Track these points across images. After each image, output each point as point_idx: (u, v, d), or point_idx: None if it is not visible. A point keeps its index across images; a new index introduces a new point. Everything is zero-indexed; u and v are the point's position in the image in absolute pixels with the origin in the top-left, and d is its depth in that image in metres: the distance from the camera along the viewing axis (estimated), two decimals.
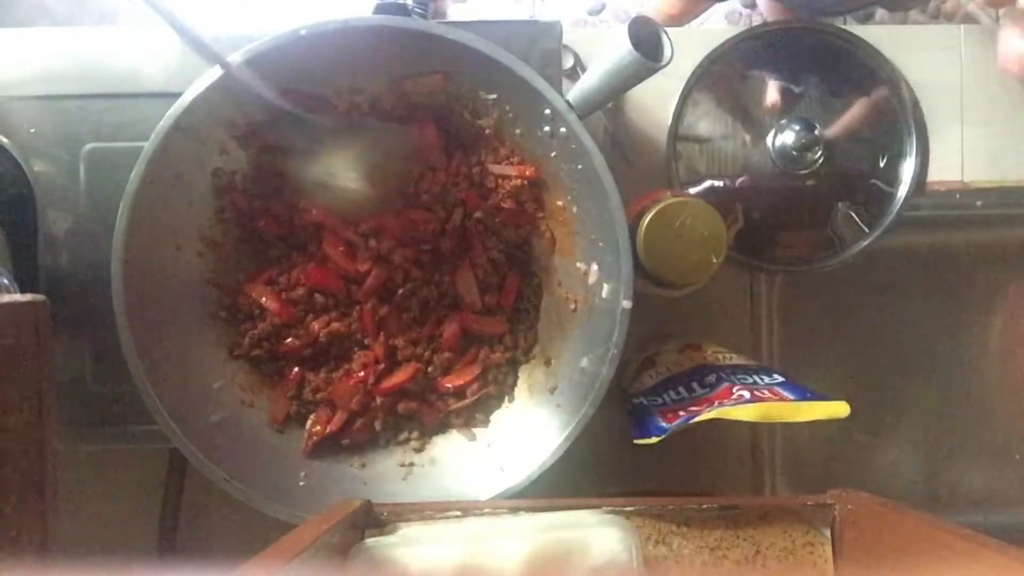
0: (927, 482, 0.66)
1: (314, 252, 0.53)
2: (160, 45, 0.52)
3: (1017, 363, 0.66)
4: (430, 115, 0.52)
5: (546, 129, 0.48)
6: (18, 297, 0.33)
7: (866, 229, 0.59)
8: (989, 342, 0.66)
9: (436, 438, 0.53)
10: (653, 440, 0.44)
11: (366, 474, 0.52)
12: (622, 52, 0.44)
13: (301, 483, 0.50)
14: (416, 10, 0.88)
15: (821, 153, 0.58)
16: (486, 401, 0.53)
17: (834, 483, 0.39)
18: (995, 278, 0.65)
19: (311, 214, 0.52)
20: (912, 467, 0.66)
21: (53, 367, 0.34)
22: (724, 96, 0.60)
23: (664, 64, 0.45)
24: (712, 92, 0.60)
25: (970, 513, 0.65)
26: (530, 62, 0.48)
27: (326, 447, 0.52)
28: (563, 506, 0.38)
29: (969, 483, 0.66)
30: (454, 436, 0.53)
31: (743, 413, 0.42)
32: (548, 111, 0.47)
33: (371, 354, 0.52)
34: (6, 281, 0.45)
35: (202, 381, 0.50)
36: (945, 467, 0.66)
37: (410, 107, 0.52)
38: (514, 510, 0.38)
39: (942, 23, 1.30)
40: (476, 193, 0.53)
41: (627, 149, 0.60)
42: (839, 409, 0.41)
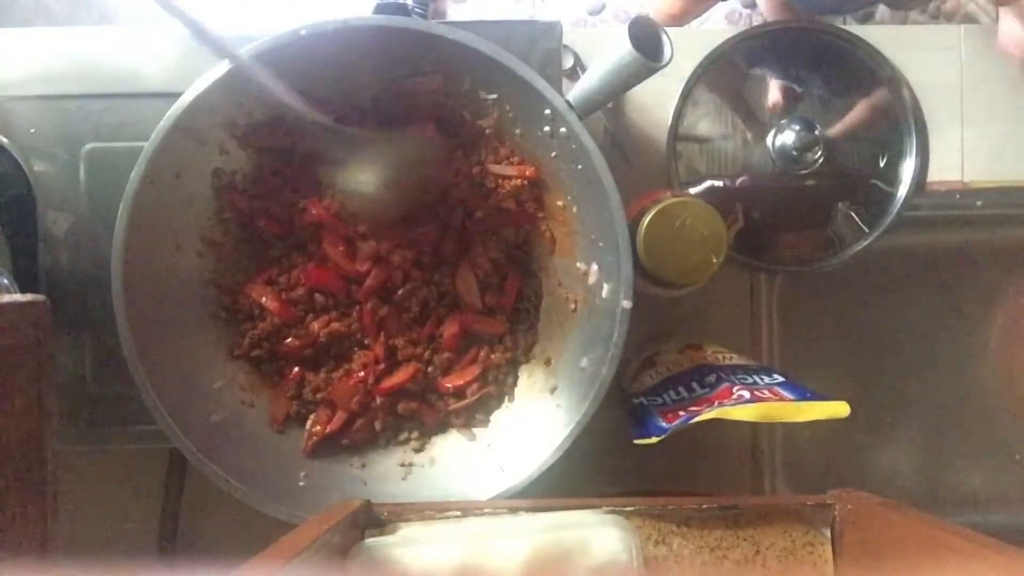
0: (927, 482, 0.66)
1: (314, 252, 0.53)
2: (160, 45, 0.52)
3: (1017, 363, 0.66)
4: (430, 115, 0.52)
5: (546, 129, 0.48)
6: (18, 297, 0.33)
7: (866, 229, 0.59)
8: (989, 342, 0.66)
9: (436, 438, 0.53)
10: (653, 440, 0.44)
11: (366, 474, 0.52)
12: (622, 52, 0.44)
13: (301, 483, 0.50)
14: (416, 10, 0.88)
15: (821, 153, 0.58)
16: (486, 401, 0.53)
17: (834, 483, 0.39)
18: (995, 278, 0.66)
19: (311, 214, 0.52)
20: (912, 467, 0.66)
21: (53, 367, 0.34)
22: (724, 96, 0.60)
23: (664, 64, 0.45)
24: (712, 92, 0.60)
25: (970, 513, 0.65)
26: (530, 62, 0.48)
27: (326, 447, 0.52)
28: (563, 506, 0.38)
29: (969, 483, 0.66)
30: (454, 436, 0.53)
31: (743, 413, 0.42)
32: (548, 111, 0.47)
33: (371, 354, 0.52)
34: (6, 281, 0.45)
35: (202, 381, 0.50)
36: (945, 467, 0.66)
37: (410, 107, 0.52)
38: (514, 510, 0.38)
39: (942, 23, 1.30)
40: (476, 193, 0.53)
41: (627, 149, 0.60)
42: (839, 409, 0.41)
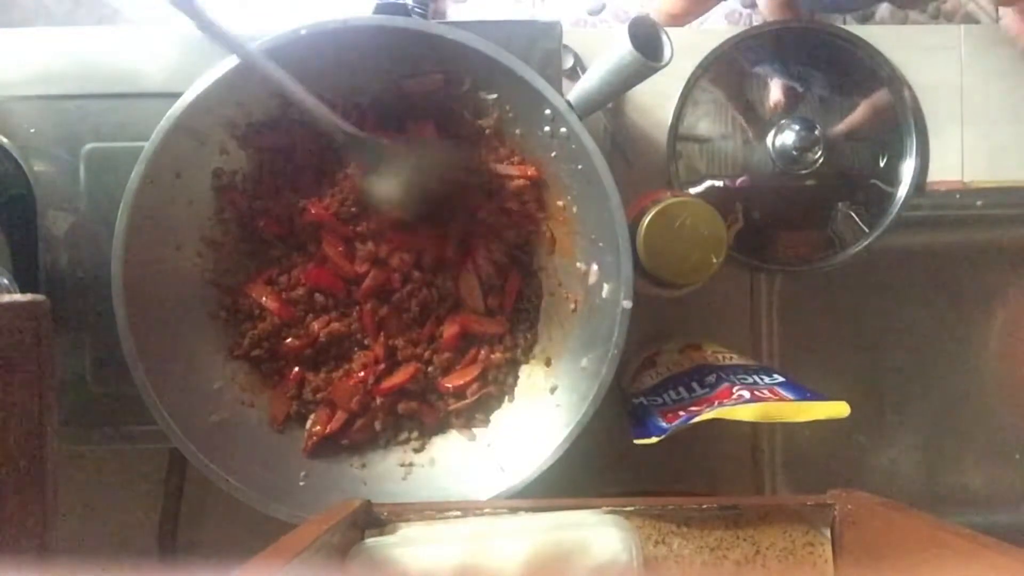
0: (927, 482, 0.66)
1: (314, 252, 0.53)
2: (160, 45, 0.52)
3: (1017, 363, 0.66)
4: (430, 115, 0.52)
5: (546, 129, 0.48)
6: (18, 297, 0.33)
7: (866, 229, 0.59)
8: (989, 342, 0.66)
9: (436, 438, 0.53)
10: (653, 440, 0.44)
11: (366, 474, 0.52)
12: (622, 52, 0.44)
13: (301, 483, 0.50)
14: (416, 10, 0.88)
15: (821, 153, 0.58)
16: (486, 401, 0.53)
17: (834, 483, 0.39)
18: (995, 278, 0.65)
19: (311, 214, 0.52)
20: (912, 467, 0.66)
21: (53, 367, 0.34)
22: (724, 96, 0.60)
23: (664, 64, 0.45)
24: (712, 92, 0.60)
25: (970, 513, 0.65)
26: (530, 62, 0.48)
27: (326, 447, 0.52)
28: (563, 506, 0.38)
29: (969, 483, 0.66)
30: (454, 436, 0.53)
31: (743, 413, 0.42)
32: (548, 111, 0.47)
33: (371, 354, 0.52)
34: (6, 281, 0.45)
35: (202, 381, 0.50)
36: (945, 467, 0.66)
37: (410, 107, 0.52)
38: (514, 510, 0.38)
39: (942, 23, 1.30)
40: (481, 195, 0.52)
41: (627, 149, 0.60)
42: (839, 409, 0.41)
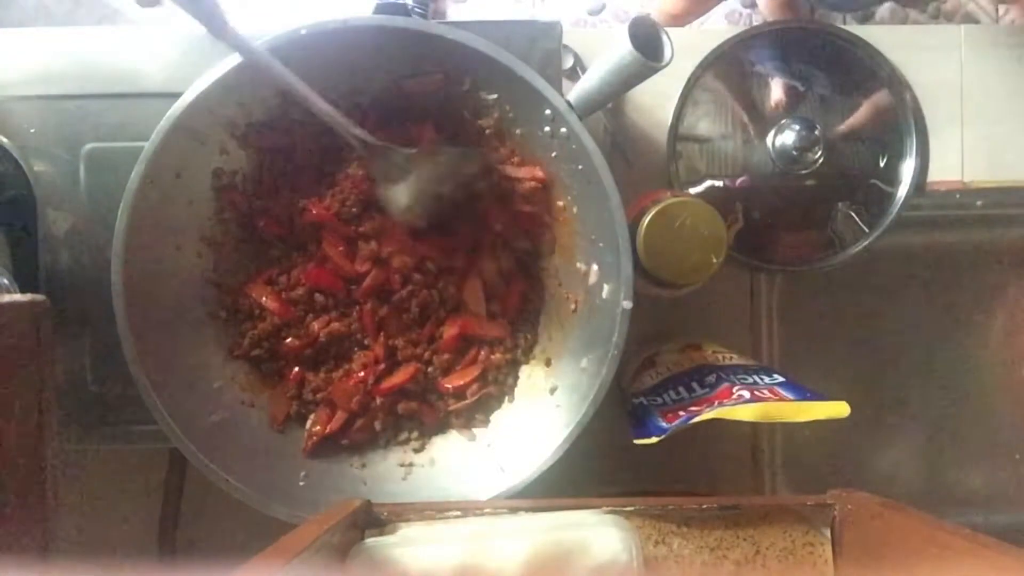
0: (927, 482, 0.66)
1: (314, 252, 0.53)
2: (160, 45, 0.52)
3: (1017, 363, 0.66)
4: (430, 115, 0.52)
5: (546, 129, 0.48)
6: (18, 297, 0.33)
7: (866, 229, 0.59)
8: (989, 342, 0.66)
9: (436, 438, 0.53)
10: (653, 440, 0.44)
11: (366, 474, 0.52)
12: (622, 52, 0.44)
13: (301, 483, 0.50)
14: (416, 10, 0.88)
15: (821, 153, 0.58)
16: (486, 401, 0.53)
17: (834, 483, 0.39)
18: (995, 278, 0.65)
19: (311, 214, 0.52)
20: (912, 467, 0.66)
21: (53, 367, 0.34)
22: (724, 96, 0.60)
23: (665, 64, 0.45)
24: (712, 92, 0.60)
25: (970, 513, 0.65)
26: (530, 62, 0.48)
27: (326, 447, 0.52)
28: (563, 506, 0.38)
29: (969, 483, 0.66)
30: (454, 436, 0.53)
31: (743, 413, 0.42)
32: (548, 111, 0.47)
33: (371, 354, 0.52)
34: (6, 281, 0.45)
35: (202, 381, 0.50)
36: (945, 467, 0.66)
37: (410, 107, 0.52)
38: (514, 510, 0.38)
39: (942, 23, 1.30)
40: (494, 200, 0.52)
41: (627, 149, 0.60)
42: (839, 409, 0.41)
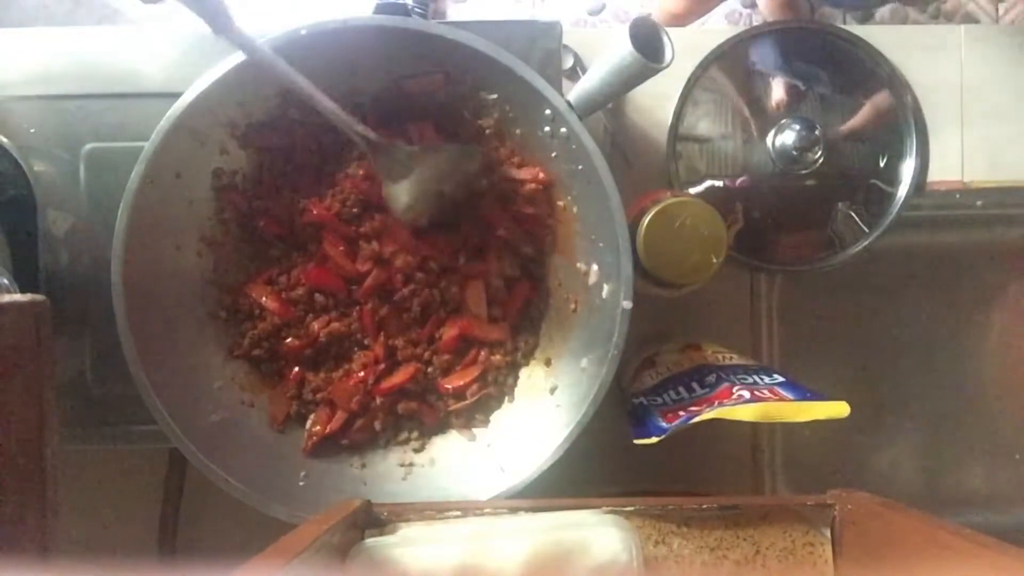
0: (927, 482, 0.66)
1: (314, 252, 0.53)
2: (160, 45, 0.52)
3: (1017, 363, 0.66)
4: (430, 115, 0.52)
5: (546, 129, 0.48)
6: (18, 297, 0.33)
7: (866, 229, 0.59)
8: (989, 342, 0.66)
9: (436, 438, 0.53)
10: (653, 440, 0.44)
11: (366, 474, 0.52)
12: (623, 53, 0.44)
13: (301, 483, 0.50)
14: (416, 10, 0.88)
15: (821, 153, 0.58)
16: (486, 401, 0.53)
17: (834, 483, 0.39)
18: (995, 278, 0.65)
19: (311, 214, 0.52)
20: (912, 467, 0.66)
21: (53, 367, 0.34)
22: (724, 96, 0.60)
23: (665, 65, 0.45)
24: (712, 92, 0.60)
25: (970, 513, 0.65)
26: (530, 62, 0.48)
27: (326, 447, 0.52)
28: (563, 506, 0.38)
29: (969, 483, 0.66)
30: (454, 436, 0.53)
31: (743, 413, 0.42)
32: (548, 111, 0.47)
33: (371, 354, 0.52)
34: (6, 281, 0.45)
35: (202, 381, 0.50)
36: (945, 467, 0.66)
37: (410, 107, 0.52)
38: (514, 510, 0.38)
39: (942, 23, 1.30)
40: (493, 200, 0.52)
41: (627, 149, 0.60)
42: (839, 409, 0.41)
